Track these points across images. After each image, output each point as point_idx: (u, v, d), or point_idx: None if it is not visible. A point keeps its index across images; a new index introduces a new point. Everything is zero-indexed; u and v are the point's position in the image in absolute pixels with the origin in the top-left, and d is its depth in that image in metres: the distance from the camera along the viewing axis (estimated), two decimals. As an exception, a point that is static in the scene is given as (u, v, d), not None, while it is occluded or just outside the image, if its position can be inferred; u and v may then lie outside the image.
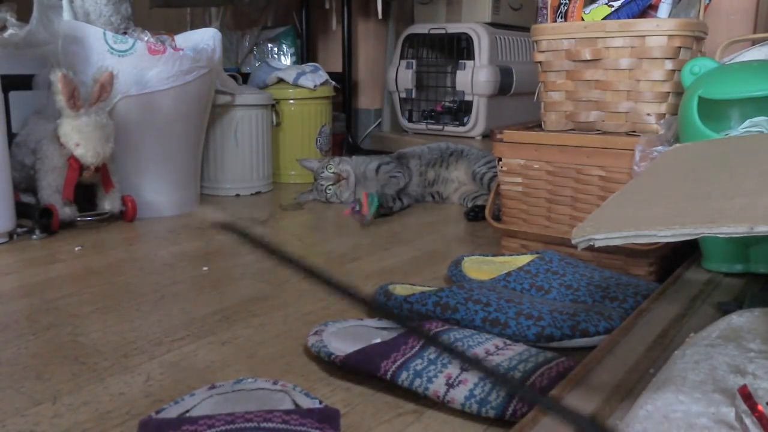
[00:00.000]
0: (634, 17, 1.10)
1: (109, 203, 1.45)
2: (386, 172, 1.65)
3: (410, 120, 2.31)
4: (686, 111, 0.91)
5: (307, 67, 2.04)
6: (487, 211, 1.23)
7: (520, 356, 0.70)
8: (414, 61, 2.27)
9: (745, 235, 0.43)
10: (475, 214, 1.52)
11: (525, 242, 1.18)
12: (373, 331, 0.81)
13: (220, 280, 1.09)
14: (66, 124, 1.36)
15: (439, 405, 0.67)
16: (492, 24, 2.19)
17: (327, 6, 2.45)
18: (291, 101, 1.98)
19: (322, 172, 1.69)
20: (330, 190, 1.68)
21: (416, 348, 0.71)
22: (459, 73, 2.16)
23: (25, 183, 1.50)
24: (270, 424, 0.54)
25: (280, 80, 2.00)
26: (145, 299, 1.00)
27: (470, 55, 2.15)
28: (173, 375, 0.75)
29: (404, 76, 2.28)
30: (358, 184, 1.70)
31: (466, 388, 0.65)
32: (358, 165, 1.71)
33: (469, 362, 0.41)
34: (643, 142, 0.99)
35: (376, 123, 2.52)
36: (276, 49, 2.57)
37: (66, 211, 1.39)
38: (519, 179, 1.17)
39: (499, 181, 1.20)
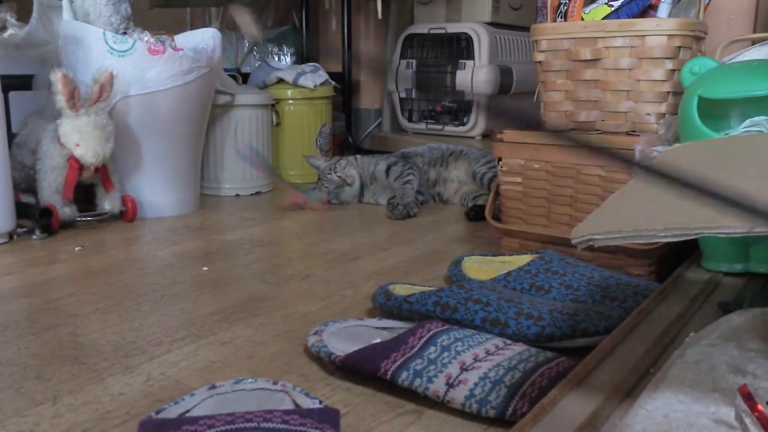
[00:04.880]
0: (634, 17, 1.10)
1: (109, 203, 1.45)
2: (398, 176, 1.65)
3: (410, 120, 2.31)
4: (686, 111, 0.91)
5: (307, 67, 2.04)
6: (487, 211, 1.23)
7: (520, 356, 0.70)
8: (414, 61, 2.27)
9: (745, 235, 0.43)
10: (475, 214, 1.52)
11: (525, 242, 1.18)
12: (373, 331, 0.81)
13: (220, 280, 1.09)
14: (66, 124, 1.36)
15: (439, 405, 0.67)
16: (492, 24, 2.19)
17: (327, 6, 2.45)
18: (291, 101, 1.98)
19: (329, 174, 1.70)
20: (333, 193, 1.69)
21: (416, 348, 0.71)
22: (459, 73, 2.16)
23: (25, 183, 1.50)
24: (270, 424, 0.54)
25: (280, 80, 2.00)
26: (145, 299, 1.00)
27: (470, 55, 2.15)
28: (173, 375, 0.75)
29: (404, 76, 2.28)
30: (365, 186, 1.70)
31: (466, 388, 0.65)
32: (365, 167, 1.71)
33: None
34: (643, 142, 0.99)
35: (376, 123, 2.52)
36: (276, 49, 2.57)
37: (66, 211, 1.39)
38: (519, 179, 1.17)
39: (499, 181, 1.20)
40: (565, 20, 1.15)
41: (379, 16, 2.17)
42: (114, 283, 1.08)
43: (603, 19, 1.10)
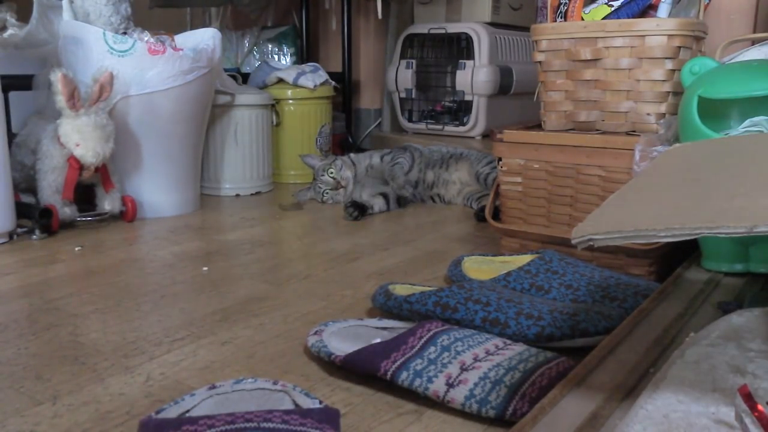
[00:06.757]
0: (634, 17, 1.10)
1: (109, 203, 1.45)
2: (390, 159, 1.70)
3: (410, 120, 2.31)
4: (686, 111, 0.91)
5: (307, 67, 2.04)
6: (487, 211, 1.23)
7: (520, 356, 0.70)
8: (414, 61, 2.27)
9: (745, 235, 0.43)
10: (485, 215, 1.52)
11: (525, 242, 1.18)
12: (373, 331, 0.81)
13: (220, 280, 1.09)
14: (66, 124, 1.36)
15: (439, 405, 0.67)
16: (492, 24, 2.19)
17: (327, 6, 2.45)
18: (291, 101, 1.98)
19: (323, 175, 1.70)
20: (327, 194, 1.69)
21: (416, 348, 0.71)
22: (459, 73, 2.16)
23: (25, 183, 1.50)
24: (270, 424, 0.54)
25: (280, 80, 2.00)
26: (145, 299, 1.00)
27: (470, 55, 2.15)
28: (173, 375, 0.75)
29: (404, 76, 2.28)
30: (363, 179, 1.71)
31: (466, 387, 0.65)
32: (360, 162, 1.73)
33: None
34: (643, 142, 0.99)
35: (376, 123, 2.52)
36: (276, 49, 2.57)
37: (66, 211, 1.39)
38: (519, 179, 1.17)
39: (499, 181, 1.20)
40: (565, 20, 1.15)
41: (379, 16, 2.17)
42: (114, 283, 1.08)
43: (603, 19, 1.10)
